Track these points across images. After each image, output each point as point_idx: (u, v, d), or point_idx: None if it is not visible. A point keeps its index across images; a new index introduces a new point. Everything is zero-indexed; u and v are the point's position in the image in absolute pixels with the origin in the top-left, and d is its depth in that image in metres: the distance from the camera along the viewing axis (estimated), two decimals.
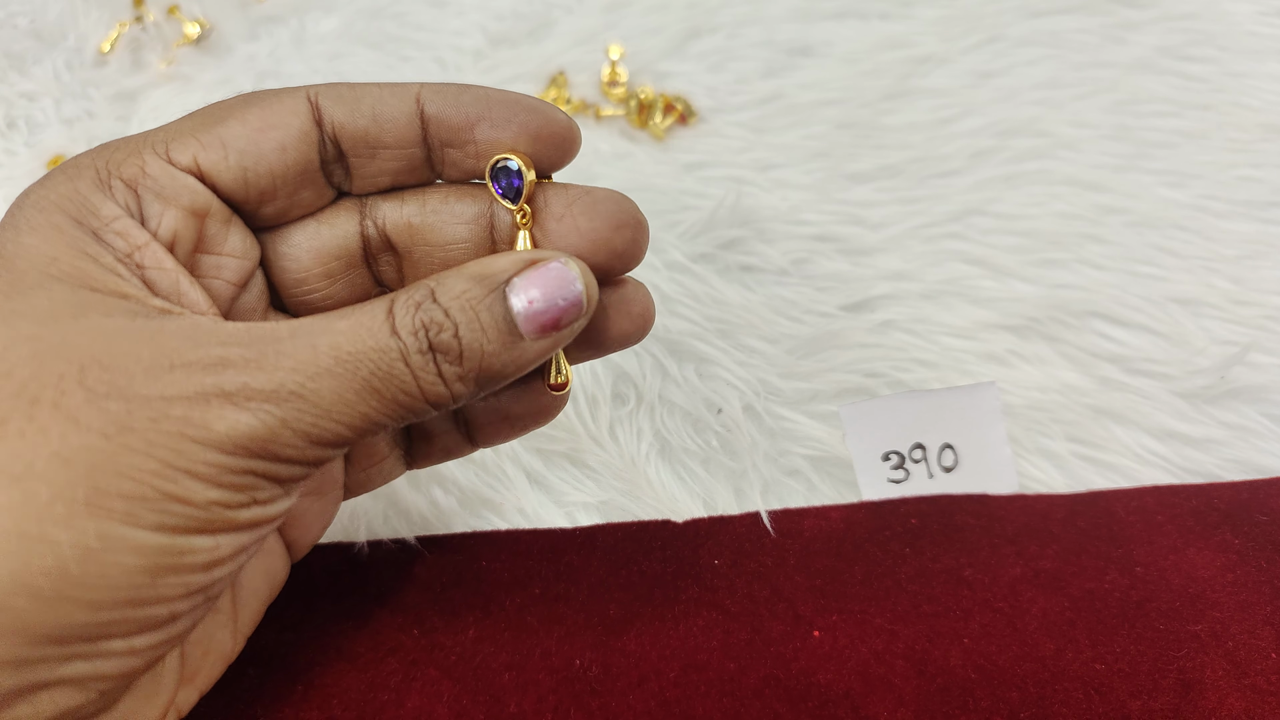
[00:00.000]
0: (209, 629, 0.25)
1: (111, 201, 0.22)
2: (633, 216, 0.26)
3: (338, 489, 0.30)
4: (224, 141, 0.24)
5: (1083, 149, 0.43)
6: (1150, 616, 0.29)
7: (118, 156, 0.23)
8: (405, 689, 0.28)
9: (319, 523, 0.30)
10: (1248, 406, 0.35)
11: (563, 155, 0.26)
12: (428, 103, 0.25)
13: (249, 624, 0.27)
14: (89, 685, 0.20)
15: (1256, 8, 0.48)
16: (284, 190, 0.25)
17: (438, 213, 0.26)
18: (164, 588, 0.20)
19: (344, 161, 0.25)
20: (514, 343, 0.22)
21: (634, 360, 0.37)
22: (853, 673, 0.28)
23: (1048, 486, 0.34)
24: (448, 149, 0.25)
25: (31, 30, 0.49)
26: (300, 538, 0.30)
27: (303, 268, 0.26)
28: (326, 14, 0.51)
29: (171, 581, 0.20)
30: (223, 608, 0.26)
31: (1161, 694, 0.27)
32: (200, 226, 0.24)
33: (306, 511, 0.29)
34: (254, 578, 0.27)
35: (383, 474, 0.31)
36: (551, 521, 0.33)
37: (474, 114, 0.25)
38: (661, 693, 0.28)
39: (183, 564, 0.20)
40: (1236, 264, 0.39)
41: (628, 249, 0.25)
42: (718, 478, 0.34)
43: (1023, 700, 0.27)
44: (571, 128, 0.26)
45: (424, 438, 0.31)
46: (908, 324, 0.38)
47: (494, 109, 0.25)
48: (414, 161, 0.26)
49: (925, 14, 0.49)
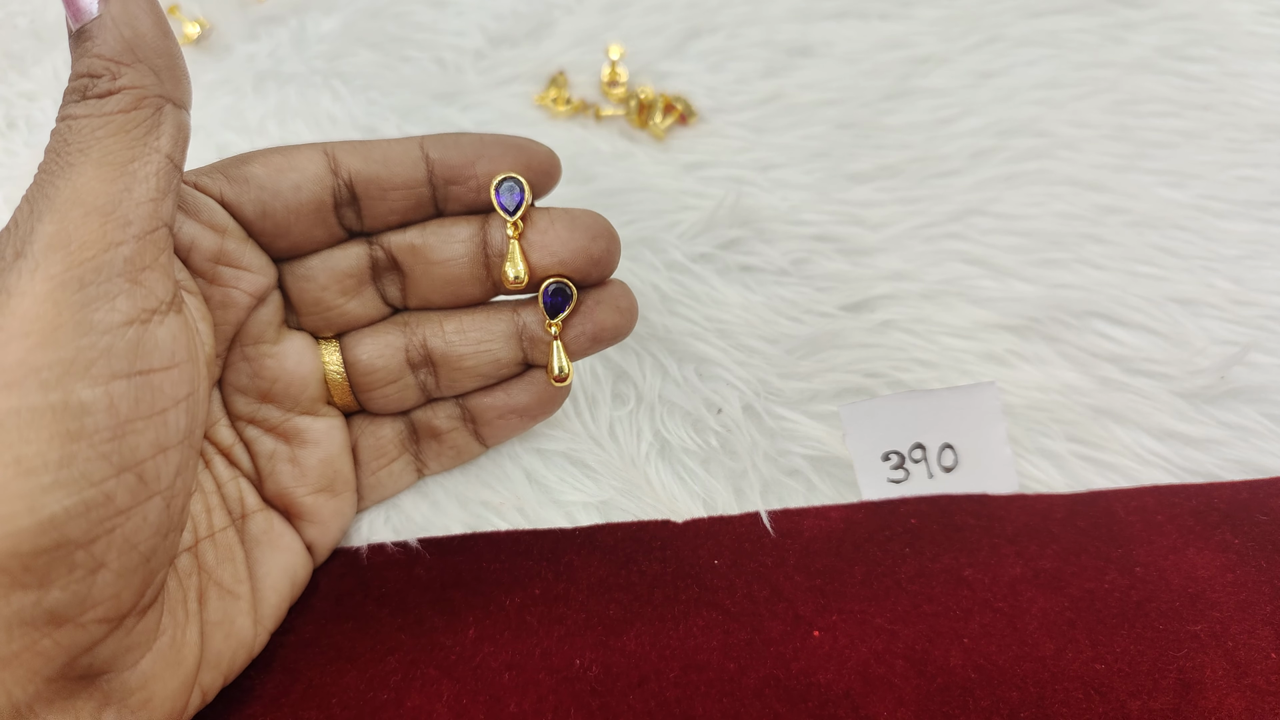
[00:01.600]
0: (225, 609, 0.27)
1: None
2: (606, 229, 0.29)
3: (350, 489, 0.31)
4: (246, 177, 0.27)
5: (1083, 149, 0.43)
6: (1150, 616, 0.29)
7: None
8: (405, 689, 0.28)
9: (335, 522, 0.31)
10: (1248, 406, 0.35)
11: (548, 182, 0.30)
12: (430, 148, 0.29)
13: (270, 617, 0.29)
14: (83, 619, 0.21)
15: (1256, 8, 0.48)
16: (298, 226, 0.28)
17: (436, 234, 0.30)
18: (83, 463, 0.21)
19: (356, 205, 0.29)
20: (94, 26, 0.23)
21: (634, 360, 0.37)
22: (853, 673, 0.28)
23: (1048, 486, 0.34)
24: (451, 185, 0.29)
25: (31, 30, 0.49)
26: (318, 538, 0.31)
27: (319, 286, 0.29)
28: (326, 14, 0.51)
29: (86, 453, 0.21)
30: (240, 594, 0.27)
31: (1161, 694, 0.27)
32: (220, 241, 0.27)
33: (320, 509, 0.30)
34: (274, 572, 0.29)
35: (394, 477, 0.32)
36: (551, 521, 0.33)
37: (472, 154, 0.29)
38: (661, 693, 0.28)
39: (86, 428, 0.21)
40: (1236, 264, 0.39)
41: (603, 256, 0.29)
42: (717, 478, 0.34)
43: (1022, 700, 0.27)
44: (554, 159, 0.30)
45: (432, 435, 0.32)
46: (908, 324, 0.38)
47: (489, 148, 0.29)
48: (421, 200, 0.29)
49: (925, 14, 0.49)
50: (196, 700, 0.26)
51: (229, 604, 0.27)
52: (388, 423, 0.32)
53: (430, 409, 0.32)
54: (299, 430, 0.30)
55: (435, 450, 0.32)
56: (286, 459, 0.29)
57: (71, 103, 0.23)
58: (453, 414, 0.32)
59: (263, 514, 0.29)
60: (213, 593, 0.27)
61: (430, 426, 0.32)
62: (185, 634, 0.25)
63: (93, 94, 0.23)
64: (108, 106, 0.23)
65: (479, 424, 0.32)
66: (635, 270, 0.39)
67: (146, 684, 0.23)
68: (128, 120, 0.23)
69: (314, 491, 0.30)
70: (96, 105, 0.23)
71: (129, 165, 0.23)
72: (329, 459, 0.30)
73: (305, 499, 0.30)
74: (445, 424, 0.32)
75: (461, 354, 0.30)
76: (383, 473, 0.32)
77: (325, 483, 0.30)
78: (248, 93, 0.47)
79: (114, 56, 0.23)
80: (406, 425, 0.32)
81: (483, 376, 0.31)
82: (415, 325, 0.31)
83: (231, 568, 0.27)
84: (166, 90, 0.24)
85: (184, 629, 0.25)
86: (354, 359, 0.30)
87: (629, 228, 0.41)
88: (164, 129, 0.24)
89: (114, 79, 0.23)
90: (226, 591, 0.27)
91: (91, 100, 0.23)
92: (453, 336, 0.30)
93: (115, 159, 0.23)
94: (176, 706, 0.25)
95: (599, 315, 0.30)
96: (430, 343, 0.30)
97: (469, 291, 0.30)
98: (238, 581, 0.27)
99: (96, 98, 0.23)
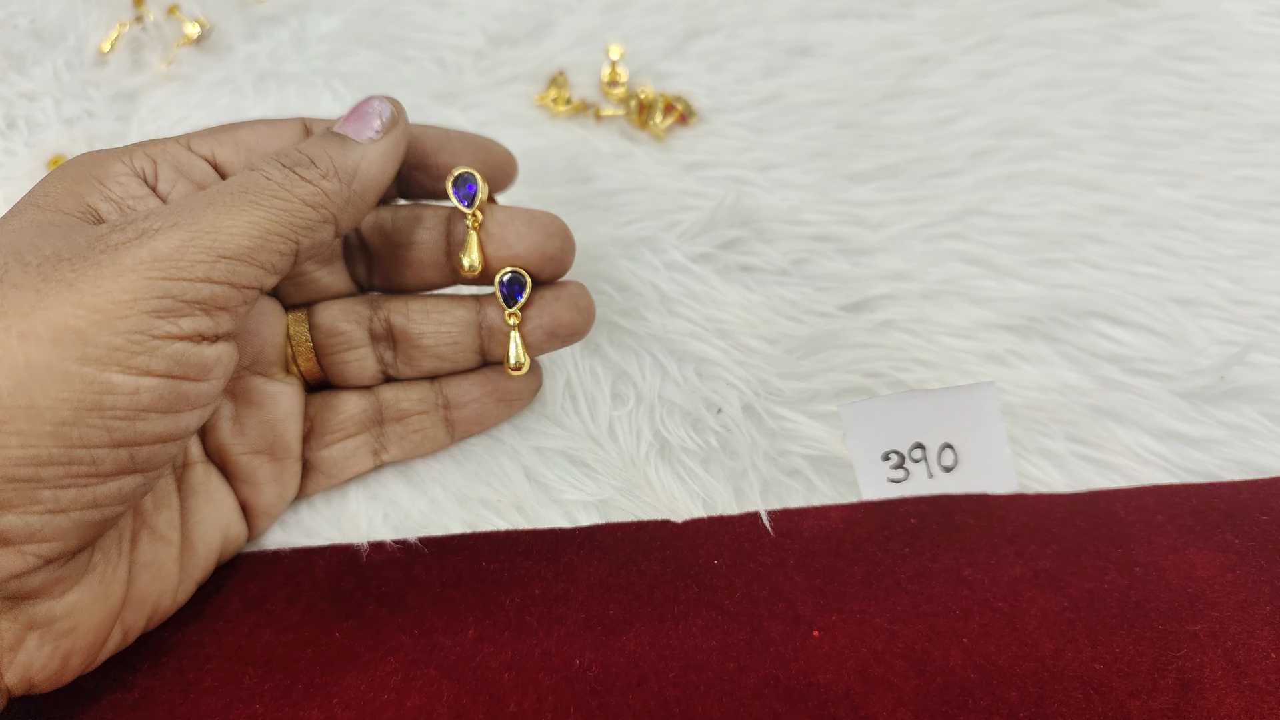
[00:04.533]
0: (155, 553, 0.28)
1: (121, 164, 0.27)
2: (561, 229, 0.31)
3: (291, 457, 0.32)
4: (237, 141, 0.29)
5: (1083, 149, 0.43)
6: (1150, 616, 0.29)
7: (145, 143, 0.28)
8: (405, 689, 0.28)
9: (271, 488, 0.31)
10: (1248, 406, 0.35)
11: (505, 179, 0.33)
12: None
13: (199, 568, 0.30)
14: (25, 548, 0.22)
15: (1256, 8, 0.48)
16: None
17: (405, 219, 0.32)
18: (87, 427, 0.22)
19: None
20: (353, 145, 0.28)
21: (634, 360, 0.37)
22: (852, 673, 0.28)
23: (1048, 486, 0.34)
24: (414, 171, 0.32)
25: (31, 30, 0.49)
26: (252, 499, 0.31)
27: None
28: (326, 14, 0.51)
29: (94, 421, 0.22)
30: (171, 539, 0.28)
31: (1161, 694, 0.27)
32: None
33: (256, 471, 0.31)
34: (205, 523, 0.30)
35: (346, 454, 0.33)
36: (550, 520, 0.33)
37: (436, 145, 0.32)
38: (661, 693, 0.28)
39: (104, 403, 0.22)
40: (1236, 264, 0.39)
41: (558, 255, 0.31)
42: (717, 477, 0.34)
43: (1022, 700, 0.27)
44: (510, 158, 0.33)
45: (397, 418, 0.32)
46: (908, 324, 0.38)
47: (452, 141, 0.32)
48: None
49: (925, 14, 0.49)
50: (118, 637, 0.27)
51: (160, 548, 0.28)
52: (351, 398, 0.33)
53: (400, 390, 0.33)
54: (248, 390, 0.31)
55: (399, 434, 0.33)
56: (229, 416, 0.30)
57: (273, 163, 0.26)
58: (424, 397, 0.33)
59: (203, 465, 0.30)
60: (145, 535, 0.28)
61: (398, 409, 0.33)
62: (115, 571, 0.26)
63: (297, 171, 0.26)
64: (299, 190, 0.26)
65: (451, 408, 0.33)
66: (635, 270, 0.39)
67: (72, 613, 0.25)
68: (300, 210, 0.26)
69: (250, 452, 0.31)
70: (292, 182, 0.26)
71: (270, 235, 0.25)
72: (271, 423, 0.31)
73: (241, 458, 0.30)
74: (414, 406, 0.33)
75: (422, 331, 0.32)
76: (335, 447, 0.33)
77: (264, 445, 0.31)
78: (248, 92, 0.47)
79: (341, 170, 0.27)
80: (372, 406, 0.33)
81: (439, 358, 0.32)
82: (382, 301, 0.32)
83: (168, 514, 0.28)
84: (341, 217, 0.27)
85: (115, 566, 0.26)
86: (319, 322, 0.32)
87: (629, 228, 0.41)
88: (315, 234, 0.26)
89: (323, 177, 0.27)
90: (159, 536, 0.28)
91: (292, 175, 0.26)
92: (416, 315, 0.32)
93: (265, 226, 0.25)
94: (98, 639, 0.26)
95: (556, 310, 0.31)
96: (393, 319, 0.32)
97: (431, 276, 0.32)
98: (171, 528, 0.28)
99: (298, 176, 0.26)
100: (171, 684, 0.28)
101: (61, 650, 0.25)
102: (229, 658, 0.29)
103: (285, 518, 0.33)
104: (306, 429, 0.32)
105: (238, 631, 0.30)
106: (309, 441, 0.32)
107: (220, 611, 0.30)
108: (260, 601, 0.31)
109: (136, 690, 0.28)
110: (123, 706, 0.28)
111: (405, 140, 0.29)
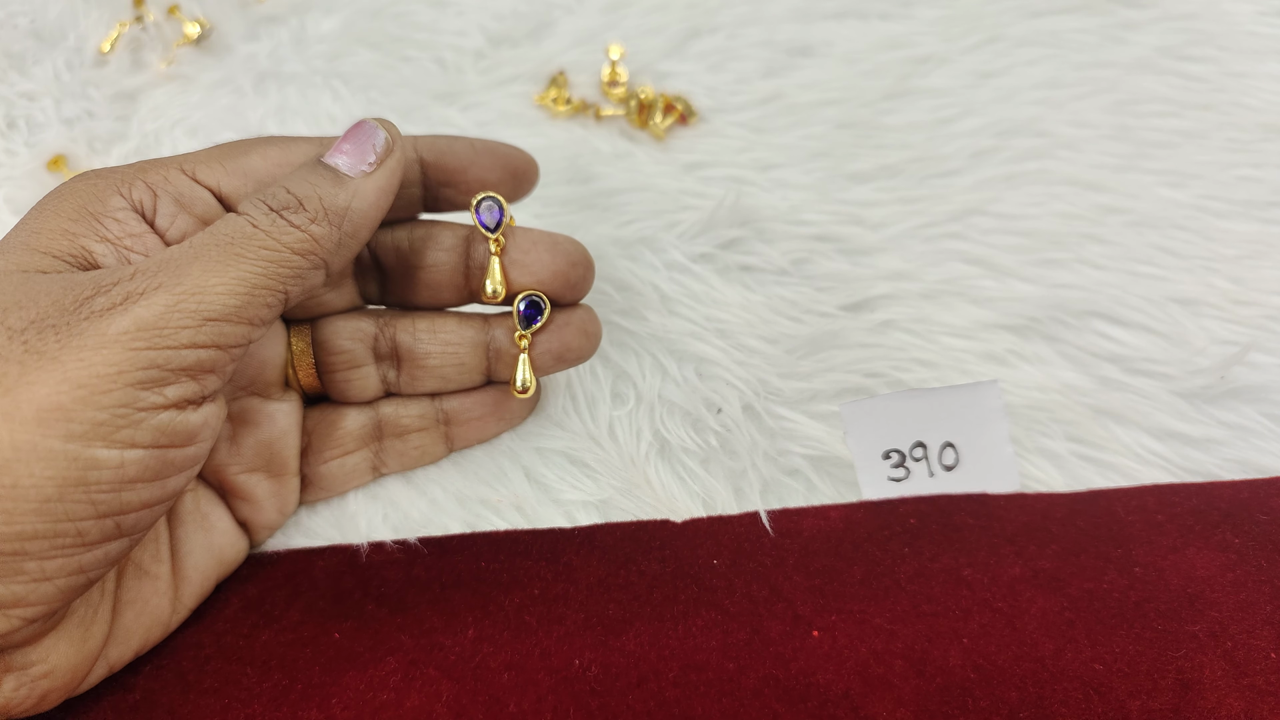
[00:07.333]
0: (142, 593, 0.27)
1: (119, 197, 0.26)
2: (584, 256, 0.31)
3: (290, 473, 0.31)
4: (245, 171, 0.27)
5: (1083, 149, 0.43)
6: (1149, 616, 0.29)
7: (147, 167, 0.27)
8: (405, 689, 0.28)
9: (271, 504, 0.31)
10: (1248, 406, 0.35)
11: (527, 188, 0.32)
12: (424, 150, 0.30)
13: (192, 596, 0.29)
14: (11, 612, 0.22)
15: (1256, 8, 0.48)
16: None
17: (423, 239, 0.31)
18: (71, 503, 0.22)
19: None
20: (344, 180, 0.26)
21: (634, 360, 0.37)
22: (852, 673, 0.28)
23: (1048, 486, 0.34)
24: (444, 188, 0.31)
25: (31, 30, 0.49)
26: (252, 516, 0.31)
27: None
28: (326, 14, 0.51)
29: (79, 497, 0.22)
30: (158, 574, 0.28)
31: (1160, 694, 0.27)
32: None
33: (254, 488, 0.30)
34: (197, 552, 0.29)
35: (346, 470, 0.33)
36: (550, 520, 0.33)
37: (465, 160, 0.31)
38: (661, 693, 0.28)
39: (89, 479, 0.22)
40: (1236, 264, 0.39)
41: (579, 282, 0.31)
42: (717, 477, 0.34)
43: (1022, 700, 0.27)
44: (533, 165, 0.32)
45: (397, 433, 0.32)
46: (908, 324, 0.38)
47: (480, 157, 0.31)
48: (411, 200, 0.31)
49: (925, 14, 0.49)
50: (101, 670, 0.27)
51: (144, 583, 0.28)
52: (351, 414, 0.32)
53: (401, 405, 0.33)
54: (244, 410, 0.30)
55: (398, 449, 0.33)
56: (225, 436, 0.30)
57: (260, 205, 0.25)
58: (425, 413, 0.33)
59: (191, 494, 0.29)
60: (129, 572, 0.27)
61: (397, 424, 0.32)
62: (97, 614, 0.26)
63: (285, 216, 0.25)
64: (286, 239, 0.25)
65: (451, 425, 0.33)
66: (635, 270, 0.39)
67: (48, 658, 0.24)
68: (288, 260, 0.25)
69: (247, 470, 0.30)
70: (280, 229, 0.25)
71: (257, 290, 0.24)
72: (268, 441, 0.30)
73: (238, 477, 0.30)
74: (414, 423, 0.33)
75: (428, 351, 0.31)
76: (335, 463, 0.32)
77: (260, 463, 0.30)
78: (248, 92, 0.47)
79: (331, 211, 0.26)
80: (371, 421, 0.32)
81: (443, 379, 0.32)
82: (388, 319, 0.32)
83: (153, 547, 0.28)
84: (332, 261, 0.26)
85: (96, 609, 0.26)
86: (323, 339, 0.31)
87: (629, 228, 0.41)
88: (304, 281, 0.25)
89: (312, 221, 0.25)
90: (144, 573, 0.28)
91: (279, 221, 0.25)
92: (423, 335, 0.31)
93: (253, 281, 0.24)
94: (77, 677, 0.25)
95: (566, 335, 0.31)
96: (399, 337, 0.31)
97: (446, 297, 0.32)
98: (156, 561, 0.28)
99: (286, 223, 0.25)
100: (171, 684, 0.28)
101: (39, 690, 0.24)
102: (228, 658, 0.29)
103: None
104: (304, 443, 0.32)
105: (237, 632, 0.30)
106: (307, 456, 0.32)
107: (220, 612, 0.30)
108: (259, 602, 0.31)
109: (137, 690, 0.28)
110: (123, 707, 0.28)
111: (401, 170, 0.28)
